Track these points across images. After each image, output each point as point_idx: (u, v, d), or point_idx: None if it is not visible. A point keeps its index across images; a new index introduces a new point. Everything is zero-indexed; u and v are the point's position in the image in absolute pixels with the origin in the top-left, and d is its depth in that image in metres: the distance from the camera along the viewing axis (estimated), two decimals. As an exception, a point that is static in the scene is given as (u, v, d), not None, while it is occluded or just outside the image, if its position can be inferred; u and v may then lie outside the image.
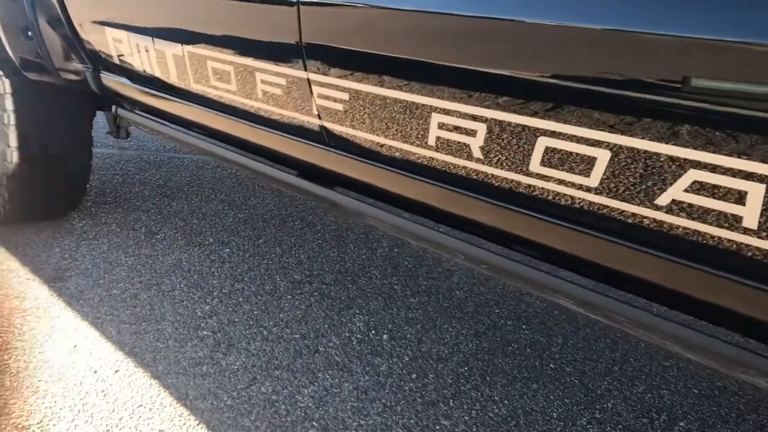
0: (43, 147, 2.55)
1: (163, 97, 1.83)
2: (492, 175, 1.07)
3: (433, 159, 1.15)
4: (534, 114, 0.95)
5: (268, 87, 1.41)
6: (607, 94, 0.85)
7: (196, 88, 1.63)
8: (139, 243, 2.71)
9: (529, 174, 1.01)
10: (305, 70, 1.29)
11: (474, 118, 1.03)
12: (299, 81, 1.30)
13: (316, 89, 1.29)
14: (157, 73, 1.77)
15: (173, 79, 1.70)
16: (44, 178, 2.62)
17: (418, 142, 1.14)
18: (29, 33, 2.28)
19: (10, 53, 2.35)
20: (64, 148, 2.62)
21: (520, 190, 1.05)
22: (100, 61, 2.08)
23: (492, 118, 1.01)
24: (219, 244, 2.74)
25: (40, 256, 2.56)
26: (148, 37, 1.71)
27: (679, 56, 0.77)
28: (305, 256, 2.68)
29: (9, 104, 2.46)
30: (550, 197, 1.01)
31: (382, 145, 1.23)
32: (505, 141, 1.02)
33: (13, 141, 2.49)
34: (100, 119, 2.89)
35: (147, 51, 1.74)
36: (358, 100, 1.22)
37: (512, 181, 1.05)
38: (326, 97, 1.27)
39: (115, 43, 1.89)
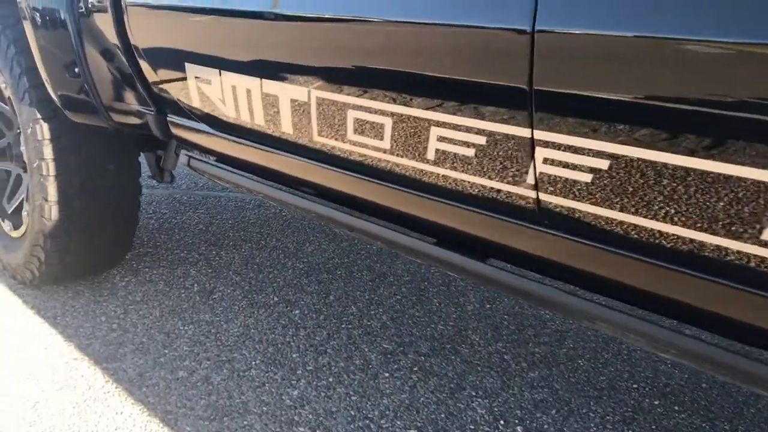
0: (86, 199, 2.14)
1: (264, 151, 1.43)
2: None
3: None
4: None
5: (449, 146, 1.02)
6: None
7: (320, 142, 1.23)
8: (196, 306, 2.29)
9: None
10: (529, 125, 0.89)
11: None
12: (514, 140, 0.91)
13: (542, 152, 0.90)
14: (261, 122, 1.37)
15: (285, 129, 1.30)
16: (87, 234, 2.20)
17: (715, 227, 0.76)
18: (75, 69, 1.87)
19: (52, 92, 1.94)
20: (109, 198, 2.20)
21: None
22: (168, 103, 1.68)
23: None
24: (286, 304, 2.32)
25: (84, 328, 2.13)
26: (254, 78, 1.31)
27: None
28: (387, 316, 2.27)
29: (48, 152, 2.04)
30: None
31: (648, 232, 0.84)
32: None
33: (52, 194, 2.07)
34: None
35: (249, 95, 1.34)
36: (615, 169, 0.83)
37: None
38: (559, 163, 0.88)
39: (198, 83, 1.49)
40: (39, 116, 2.03)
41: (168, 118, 1.75)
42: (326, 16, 1.11)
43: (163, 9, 1.50)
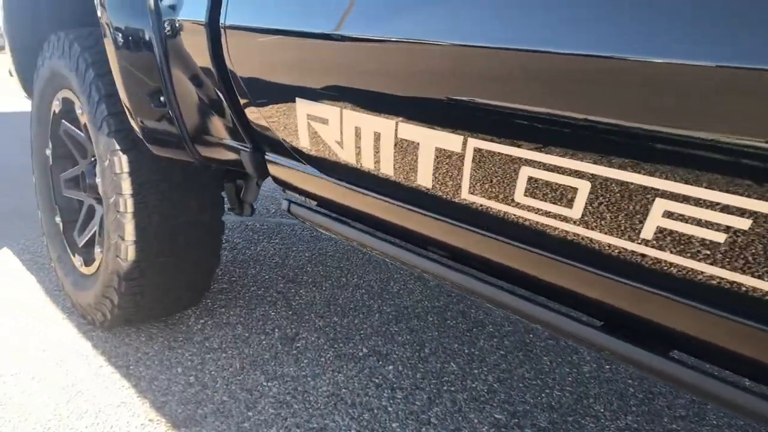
0: (165, 238, 1.91)
1: (389, 204, 1.16)
2: None
3: None
4: None
5: (682, 226, 0.73)
6: None
7: (471, 201, 0.95)
8: (278, 356, 2.04)
9: None
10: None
11: None
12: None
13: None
14: (389, 171, 1.10)
15: (421, 182, 1.03)
16: (165, 275, 1.97)
17: None
18: (161, 98, 1.64)
19: (133, 122, 1.72)
20: (190, 237, 1.96)
21: None
22: (268, 141, 1.43)
23: None
24: (377, 358, 2.05)
25: (160, 381, 1.90)
26: (387, 120, 1.04)
27: None
28: (493, 377, 1.97)
29: (126, 187, 1.82)
30: None
31: None
32: None
33: (129, 233, 1.84)
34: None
35: (378, 139, 1.08)
36: None
37: None
38: None
39: (310, 122, 1.23)
40: (117, 147, 1.81)
41: (266, 157, 1.51)
42: (519, 48, 0.83)
43: (272, 33, 1.25)
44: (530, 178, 0.90)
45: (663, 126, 0.72)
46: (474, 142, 0.95)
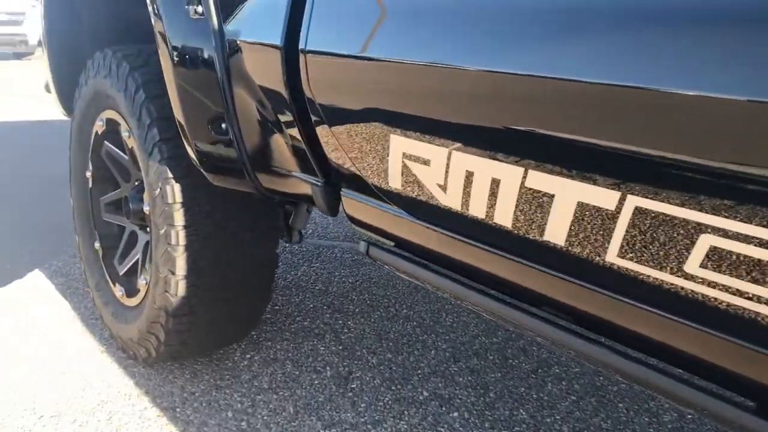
0: (218, 273, 1.76)
1: (507, 259, 1.00)
2: None
3: None
4: None
5: None
6: None
7: (618, 266, 0.80)
8: (333, 399, 1.88)
9: None
10: None
11: None
12: None
13: None
14: (507, 223, 0.95)
15: (553, 239, 0.88)
16: (215, 311, 1.82)
17: None
18: (222, 124, 1.49)
19: (190, 149, 1.58)
20: (243, 271, 1.82)
21: None
22: (346, 177, 1.28)
23: None
24: (439, 402, 1.89)
25: (209, 426, 1.75)
26: (513, 167, 0.88)
27: None
28: (568, 427, 1.80)
29: (179, 218, 1.67)
30: None
31: None
32: None
33: (180, 267, 1.70)
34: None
35: (496, 187, 0.92)
36: None
37: None
38: None
39: (406, 162, 1.08)
40: (170, 175, 1.67)
41: (342, 193, 1.35)
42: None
43: (365, 60, 1.10)
44: (712, 248, 0.74)
45: None
46: (636, 201, 0.79)
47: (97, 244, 2.20)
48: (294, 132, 1.37)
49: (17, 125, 6.34)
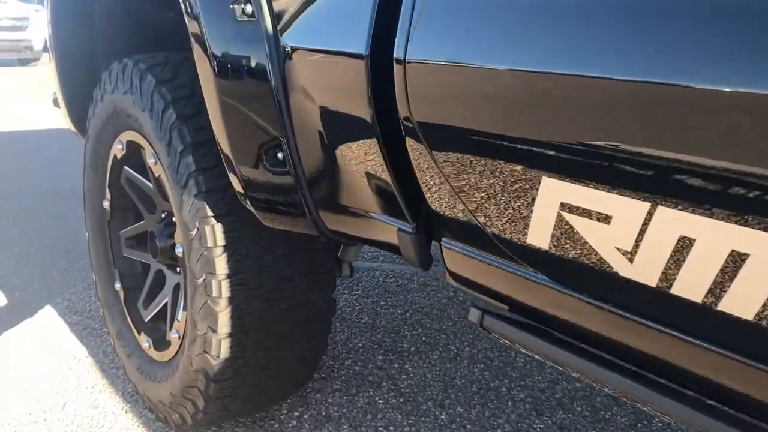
0: (267, 326, 1.44)
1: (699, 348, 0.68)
2: None
3: None
4: None
5: None
6: None
7: None
8: (405, 471, 1.55)
9: None
10: None
11: None
12: None
13: None
14: (738, 311, 0.61)
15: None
16: (264, 371, 1.50)
17: None
18: (278, 154, 1.17)
19: (235, 181, 1.26)
20: (297, 321, 1.49)
21: None
22: (452, 224, 0.96)
23: None
24: (530, 472, 1.56)
25: None
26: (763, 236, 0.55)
27: None
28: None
29: (221, 266, 1.35)
30: None
31: None
32: None
33: (223, 324, 1.37)
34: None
35: (734, 262, 0.58)
36: None
37: None
38: None
39: (565, 215, 0.75)
40: (210, 213, 1.34)
41: (444, 244, 1.02)
42: None
43: (510, 71, 0.77)
44: None
45: None
46: None
47: (117, 285, 1.88)
48: (376, 162, 1.05)
49: (17, 135, 6.02)
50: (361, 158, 1.09)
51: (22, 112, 7.18)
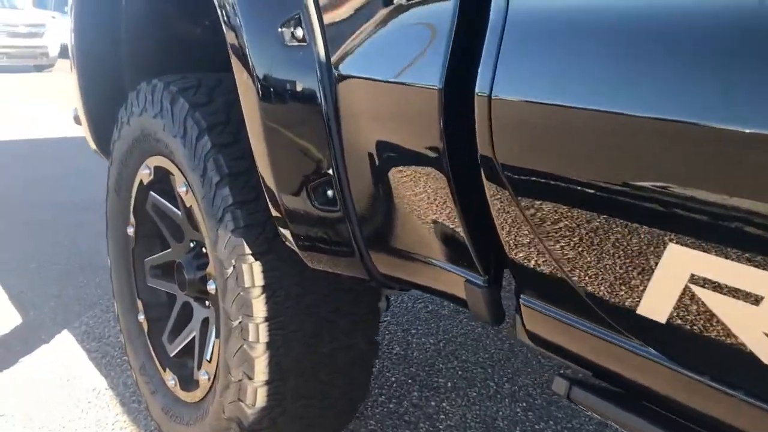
0: (307, 372, 1.31)
1: None
2: None
3: None
4: None
5: None
6: None
7: None
8: None
9: None
10: None
11: None
12: None
13: None
14: None
15: None
16: (302, 419, 1.37)
17: None
18: (328, 191, 1.04)
19: (278, 217, 1.14)
20: (337, 365, 1.37)
21: None
22: (535, 280, 0.83)
23: None
24: None
25: None
26: None
27: None
28: None
29: (260, 308, 1.24)
30: None
31: None
32: None
33: (260, 371, 1.26)
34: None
35: None
36: None
37: None
38: None
39: (694, 288, 0.62)
40: (248, 251, 1.22)
41: (524, 302, 0.89)
42: None
43: (631, 117, 0.64)
44: None
45: None
46: None
47: (141, 316, 1.76)
48: (444, 204, 0.92)
49: (34, 143, 5.95)
50: (426, 199, 0.96)
51: (40, 120, 7.11)
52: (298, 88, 1.06)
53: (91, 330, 2.36)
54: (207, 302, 1.57)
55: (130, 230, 1.75)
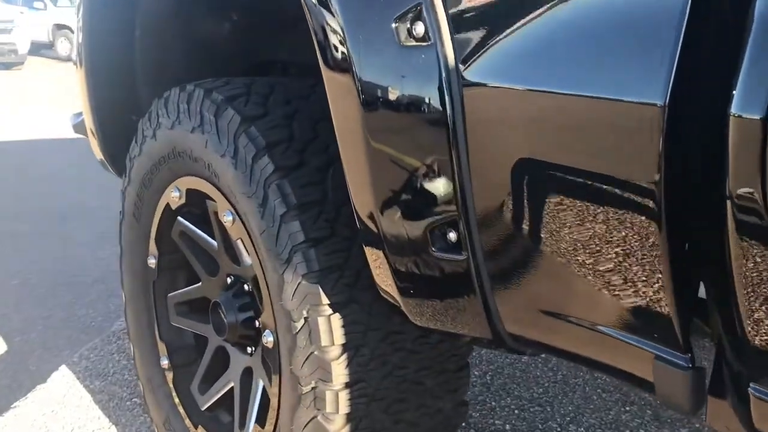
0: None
1: None
2: None
3: None
4: None
5: None
6: None
7: None
8: None
9: None
10: None
11: None
12: None
13: None
14: None
15: None
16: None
17: None
18: (450, 234, 0.79)
19: (377, 260, 0.88)
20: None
21: None
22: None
23: None
24: None
25: None
26: None
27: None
28: None
29: (340, 372, 1.00)
30: None
31: None
32: None
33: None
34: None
35: None
36: None
37: None
38: None
39: None
40: (324, 301, 0.96)
41: (754, 391, 0.65)
42: None
43: None
44: None
45: None
46: None
47: (164, 362, 1.49)
48: (642, 255, 0.67)
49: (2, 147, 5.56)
50: (608, 247, 0.71)
51: (7, 122, 6.68)
52: (416, 100, 0.81)
53: (93, 366, 2.07)
54: (249, 349, 1.31)
55: (152, 261, 1.48)
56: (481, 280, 0.84)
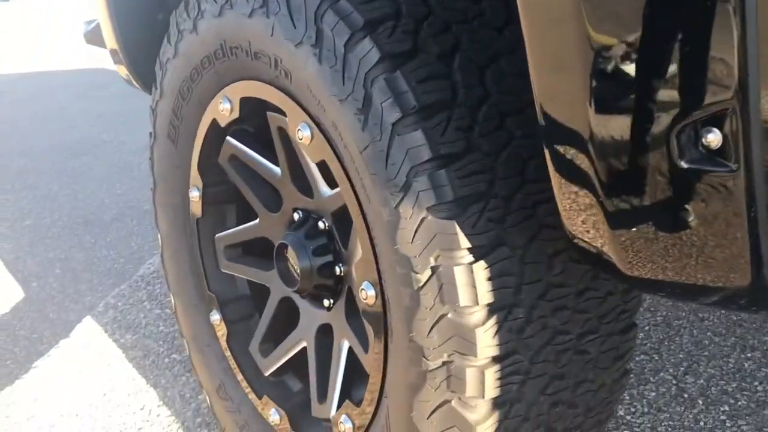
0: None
1: None
2: None
3: None
4: None
5: None
6: None
7: None
8: None
9: None
10: None
11: None
12: None
13: None
14: None
15: None
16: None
17: None
18: (711, 137, 0.47)
19: (588, 182, 0.56)
20: (575, 422, 0.82)
21: None
22: None
23: None
24: None
25: None
26: None
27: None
28: None
29: (485, 342, 0.68)
30: None
31: None
32: None
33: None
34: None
35: None
36: None
37: None
38: None
39: None
40: (464, 244, 0.68)
41: None
42: None
43: None
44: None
45: None
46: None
47: (215, 316, 1.20)
48: None
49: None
50: None
51: (5, 53, 6.27)
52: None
53: (122, 317, 1.80)
54: (326, 301, 1.02)
55: (194, 194, 1.17)
56: (755, 207, 0.52)
